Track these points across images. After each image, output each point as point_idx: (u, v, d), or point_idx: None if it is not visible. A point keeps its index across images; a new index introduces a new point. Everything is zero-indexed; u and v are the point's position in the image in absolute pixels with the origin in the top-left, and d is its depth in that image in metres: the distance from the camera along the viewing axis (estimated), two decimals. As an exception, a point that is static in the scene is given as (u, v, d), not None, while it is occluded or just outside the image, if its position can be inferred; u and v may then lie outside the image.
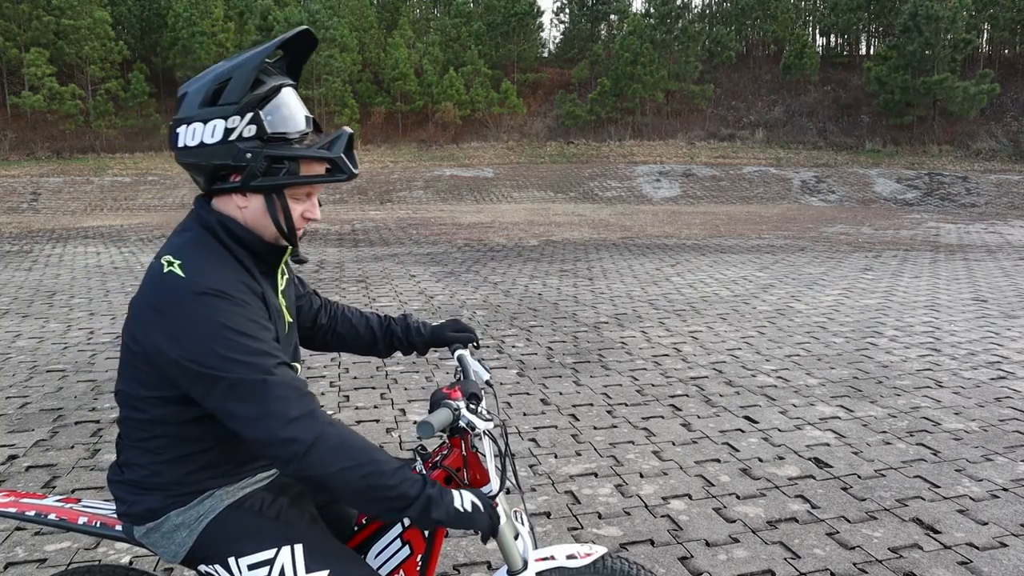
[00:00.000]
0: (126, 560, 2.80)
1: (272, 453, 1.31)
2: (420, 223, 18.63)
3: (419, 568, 1.63)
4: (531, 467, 3.65)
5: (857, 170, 30.83)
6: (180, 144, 1.40)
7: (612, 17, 47.72)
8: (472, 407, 1.55)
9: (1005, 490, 3.36)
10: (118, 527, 1.56)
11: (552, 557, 1.67)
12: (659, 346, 6.10)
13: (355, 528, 1.71)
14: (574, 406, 4.59)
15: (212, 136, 1.37)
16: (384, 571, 1.65)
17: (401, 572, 1.64)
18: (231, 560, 1.45)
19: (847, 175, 30.03)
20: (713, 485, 3.44)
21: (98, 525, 1.57)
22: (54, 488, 3.42)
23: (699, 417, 4.38)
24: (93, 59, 35.37)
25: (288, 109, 1.42)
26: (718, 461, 3.73)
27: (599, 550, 1.69)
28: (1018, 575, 2.68)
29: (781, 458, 3.76)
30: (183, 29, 36.78)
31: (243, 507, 1.49)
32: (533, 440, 4.02)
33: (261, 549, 1.45)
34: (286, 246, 1.49)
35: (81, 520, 1.57)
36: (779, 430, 4.15)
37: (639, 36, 39.02)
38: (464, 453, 1.61)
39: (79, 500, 1.64)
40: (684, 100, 40.32)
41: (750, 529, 3.02)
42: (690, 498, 3.31)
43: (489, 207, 24.13)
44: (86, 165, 30.31)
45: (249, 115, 1.37)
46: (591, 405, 4.61)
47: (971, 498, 3.28)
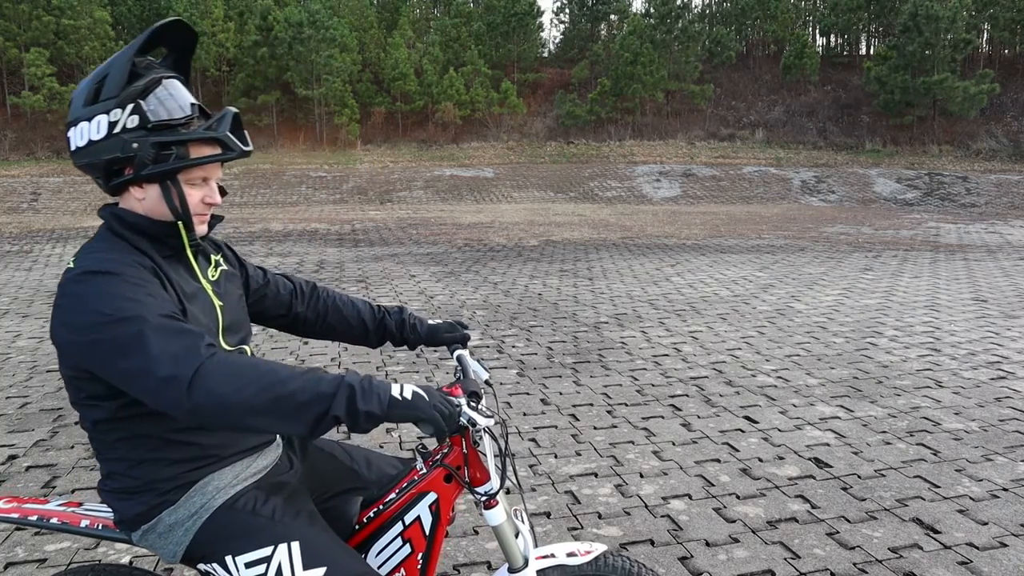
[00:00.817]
0: (126, 560, 2.80)
1: (159, 401, 1.26)
2: (420, 223, 18.63)
3: (420, 566, 1.64)
4: (531, 467, 3.65)
5: (857, 170, 30.82)
6: (73, 147, 1.44)
7: (612, 17, 47.70)
8: (473, 405, 1.56)
9: (1005, 490, 3.36)
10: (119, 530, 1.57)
11: (552, 555, 1.67)
12: (659, 346, 6.10)
13: (355, 527, 1.71)
14: (574, 406, 4.59)
15: (98, 132, 1.40)
16: (385, 570, 1.65)
17: (402, 571, 1.64)
18: (228, 558, 1.46)
19: (847, 175, 30.02)
20: (713, 485, 3.44)
21: (100, 528, 1.58)
22: (54, 488, 3.43)
23: (699, 417, 4.38)
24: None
25: (170, 97, 1.44)
26: (718, 461, 3.72)
27: (599, 548, 1.70)
28: (1018, 575, 2.68)
29: (781, 458, 3.76)
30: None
31: (237, 506, 1.50)
32: (533, 440, 4.02)
33: (258, 547, 1.45)
34: (176, 223, 1.49)
35: (83, 523, 1.58)
36: (779, 430, 4.15)
37: (639, 36, 39.01)
38: (465, 451, 1.61)
39: (81, 504, 1.64)
40: (684, 100, 40.31)
41: (750, 529, 3.02)
42: (690, 498, 3.31)
43: (489, 207, 24.12)
44: (86, 165, 30.26)
45: (130, 106, 1.40)
46: (591, 405, 4.61)
47: (971, 498, 3.28)
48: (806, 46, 40.53)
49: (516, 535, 1.65)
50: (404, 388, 1.34)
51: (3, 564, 2.76)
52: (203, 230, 1.54)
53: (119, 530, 1.56)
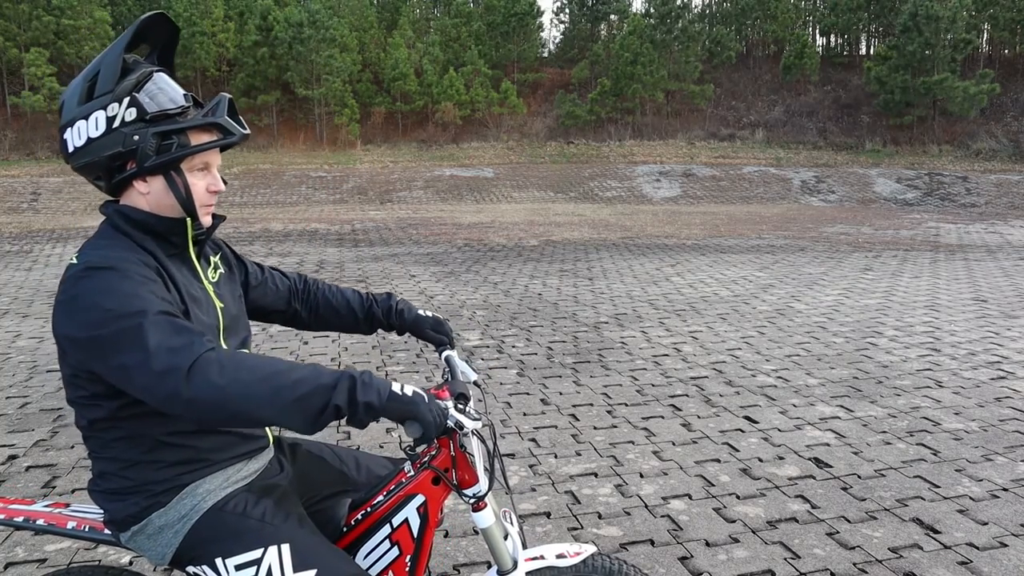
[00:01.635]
0: (126, 560, 2.80)
1: (156, 394, 1.25)
2: (420, 223, 18.62)
3: (408, 569, 1.63)
4: (531, 467, 3.65)
5: (857, 170, 30.82)
6: (70, 149, 1.43)
7: (612, 17, 47.69)
8: (460, 407, 1.56)
9: (1005, 490, 3.36)
10: (107, 531, 1.56)
11: (542, 557, 1.67)
12: (659, 346, 6.10)
13: (344, 529, 1.70)
14: (574, 406, 4.58)
15: (96, 129, 1.39)
16: (373, 572, 1.65)
17: (390, 573, 1.64)
18: (218, 561, 1.45)
19: (847, 175, 30.02)
20: (713, 485, 3.44)
21: (87, 529, 1.57)
22: (54, 488, 3.43)
23: (699, 417, 4.38)
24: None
25: (164, 89, 1.44)
26: (718, 461, 3.72)
27: (589, 549, 1.70)
28: (1018, 575, 2.68)
29: (781, 458, 3.76)
30: (183, 29, 36.71)
31: (227, 508, 1.49)
32: (533, 440, 4.02)
33: (248, 549, 1.44)
34: (184, 220, 1.49)
35: (70, 525, 1.57)
36: (779, 430, 4.15)
37: (639, 36, 39.01)
38: (453, 453, 1.61)
39: (68, 504, 1.64)
40: (684, 100, 40.30)
41: (750, 529, 3.02)
42: (690, 498, 3.31)
43: (489, 207, 24.12)
44: (86, 165, 30.25)
45: (126, 99, 1.39)
46: (591, 405, 4.61)
47: (971, 498, 3.28)
48: (806, 46, 40.52)
49: (505, 537, 1.65)
50: (404, 387, 1.34)
51: (3, 564, 2.76)
52: (208, 221, 1.54)
53: (108, 531, 1.55)
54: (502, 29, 41.81)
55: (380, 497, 1.68)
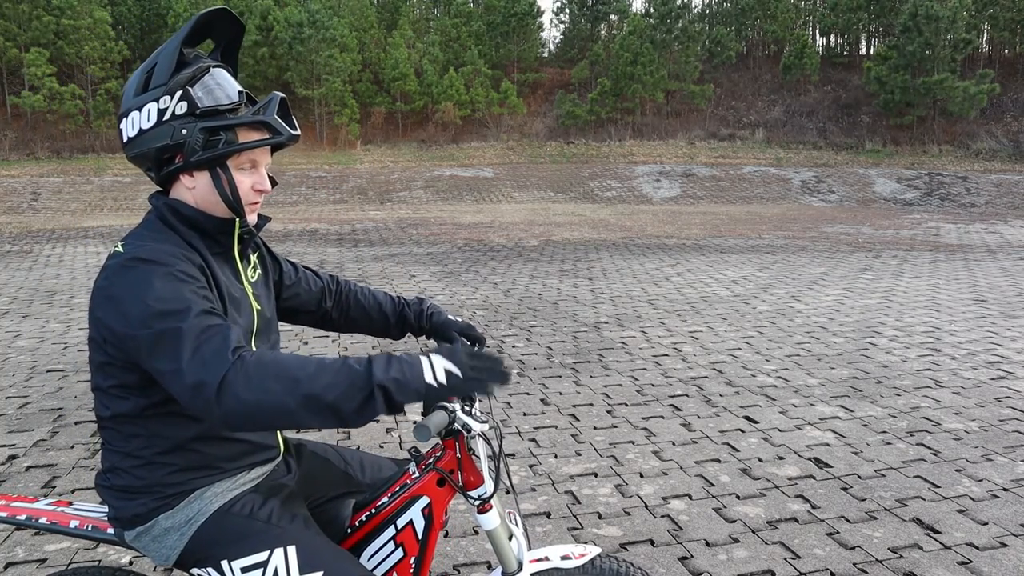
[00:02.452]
0: (126, 560, 2.80)
1: (191, 407, 1.25)
2: (420, 223, 18.62)
3: (412, 570, 1.63)
4: (531, 467, 3.65)
5: (857, 170, 30.82)
6: (124, 138, 1.44)
7: (612, 17, 47.69)
8: (467, 409, 1.55)
9: (1005, 490, 3.36)
10: (110, 530, 1.56)
11: (547, 558, 1.66)
12: (659, 346, 6.10)
13: (348, 531, 1.70)
14: (574, 406, 4.59)
15: (148, 120, 1.41)
16: (377, 573, 1.65)
17: (394, 574, 1.64)
18: (224, 563, 1.45)
19: (847, 175, 30.02)
20: (713, 485, 3.44)
21: (90, 528, 1.57)
22: (54, 488, 3.43)
23: (699, 417, 4.38)
24: (93, 59, 35.35)
25: (218, 84, 1.44)
26: (718, 461, 3.72)
27: (593, 550, 1.69)
28: (1018, 575, 2.68)
29: (781, 458, 3.76)
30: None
31: (233, 510, 1.49)
32: (533, 440, 4.02)
33: (254, 551, 1.44)
34: (233, 220, 1.49)
35: (72, 523, 1.57)
36: (779, 430, 4.15)
37: (639, 36, 39.01)
38: (458, 455, 1.61)
39: (70, 503, 1.63)
40: (684, 100, 40.30)
41: (750, 529, 3.02)
42: (690, 498, 3.31)
43: (489, 207, 24.12)
44: (86, 165, 30.30)
45: (179, 93, 1.40)
46: (591, 405, 4.61)
47: (971, 498, 3.28)
48: (806, 46, 40.52)
49: (510, 538, 1.65)
50: (436, 371, 1.26)
51: (3, 564, 2.76)
52: (253, 219, 1.54)
53: (112, 529, 1.55)
54: (502, 29, 41.82)
55: (385, 498, 1.68)
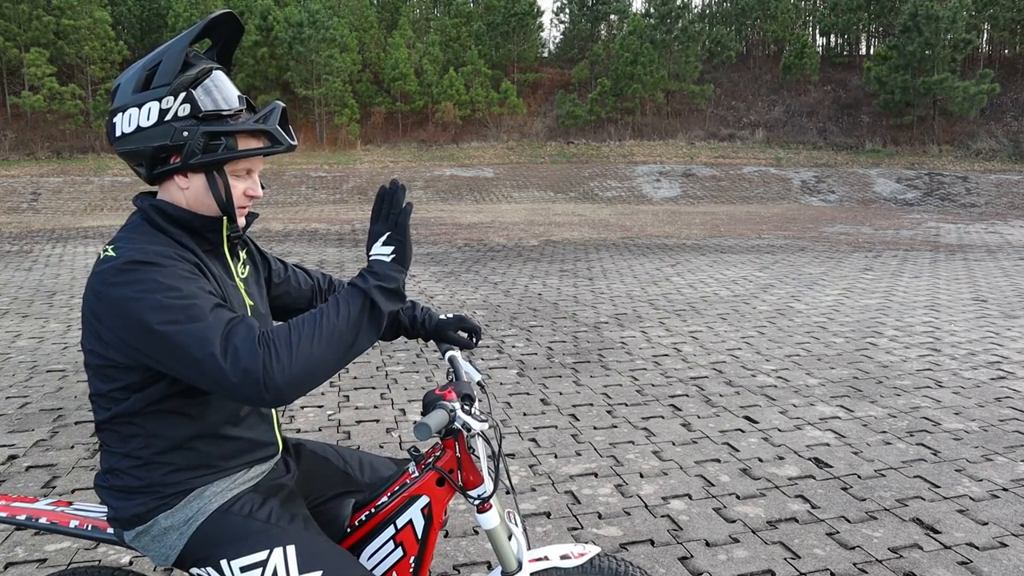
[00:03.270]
0: (126, 560, 2.80)
1: (237, 394, 1.29)
2: (420, 223, 18.62)
3: (412, 570, 1.63)
4: (531, 467, 3.65)
5: (857, 170, 30.81)
6: (118, 133, 1.44)
7: (612, 17, 47.67)
8: (467, 408, 1.55)
9: (1005, 490, 3.36)
10: (109, 530, 1.56)
11: (546, 558, 1.67)
12: (659, 346, 6.10)
13: (348, 530, 1.70)
14: (574, 406, 4.59)
15: (148, 119, 1.40)
16: (377, 573, 1.64)
17: (394, 574, 1.64)
18: (223, 563, 1.45)
19: (847, 175, 30.01)
20: (713, 485, 3.44)
21: (89, 528, 1.57)
22: (54, 488, 3.43)
23: (699, 417, 4.38)
24: (93, 59, 35.33)
25: (220, 88, 1.45)
26: (718, 461, 3.72)
27: (593, 550, 1.69)
28: (1018, 575, 2.68)
29: (781, 458, 3.76)
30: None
31: (233, 509, 1.49)
32: (533, 440, 4.02)
33: (253, 551, 1.44)
34: (221, 217, 1.50)
35: (72, 523, 1.57)
36: (779, 430, 4.15)
37: (639, 36, 38.99)
38: (458, 455, 1.61)
39: (70, 503, 1.64)
40: (684, 100, 40.29)
41: (750, 529, 3.02)
42: (690, 498, 3.31)
43: (489, 207, 24.12)
44: (86, 165, 30.29)
45: (182, 95, 1.40)
46: (591, 405, 4.61)
47: (971, 498, 3.28)
48: (806, 46, 40.51)
49: (509, 538, 1.65)
50: (385, 255, 1.52)
51: (3, 564, 2.76)
52: (242, 222, 1.55)
53: (111, 529, 1.55)
54: (502, 29, 41.80)
55: (384, 498, 1.68)
